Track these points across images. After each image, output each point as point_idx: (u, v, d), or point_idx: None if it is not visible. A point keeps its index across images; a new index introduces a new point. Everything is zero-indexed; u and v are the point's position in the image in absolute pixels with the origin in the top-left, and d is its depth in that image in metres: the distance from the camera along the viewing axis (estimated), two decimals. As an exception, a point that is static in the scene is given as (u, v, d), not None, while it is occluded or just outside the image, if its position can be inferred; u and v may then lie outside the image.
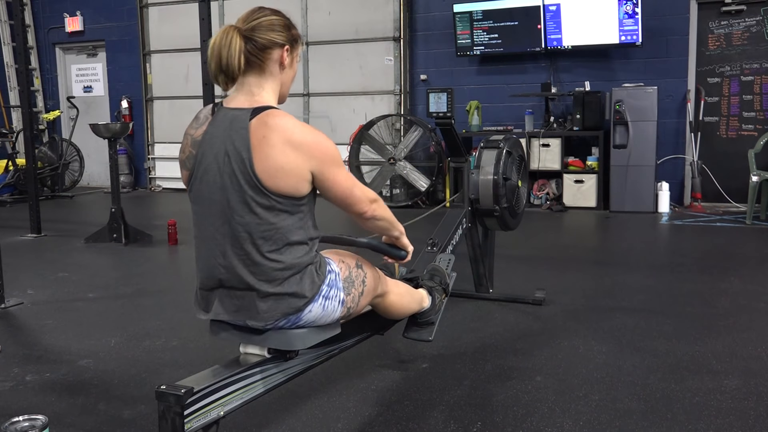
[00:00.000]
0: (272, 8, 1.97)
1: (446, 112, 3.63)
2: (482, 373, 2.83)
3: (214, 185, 1.87)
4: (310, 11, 8.86)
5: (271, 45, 1.90)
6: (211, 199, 1.89)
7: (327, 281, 1.95)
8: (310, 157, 1.83)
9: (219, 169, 1.86)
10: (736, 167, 7.17)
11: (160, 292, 4.31)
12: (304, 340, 1.96)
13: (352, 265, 2.07)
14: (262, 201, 1.82)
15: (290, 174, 1.81)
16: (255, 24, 1.90)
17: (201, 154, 1.89)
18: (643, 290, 4.12)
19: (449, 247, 3.29)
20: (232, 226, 1.86)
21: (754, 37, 7.22)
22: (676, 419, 2.38)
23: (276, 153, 1.80)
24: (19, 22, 6.32)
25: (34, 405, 2.59)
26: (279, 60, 1.93)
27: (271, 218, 1.83)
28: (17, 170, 8.69)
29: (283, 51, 1.93)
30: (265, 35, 1.90)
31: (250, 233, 1.85)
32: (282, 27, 1.93)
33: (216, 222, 1.89)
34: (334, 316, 2.00)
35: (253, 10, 1.95)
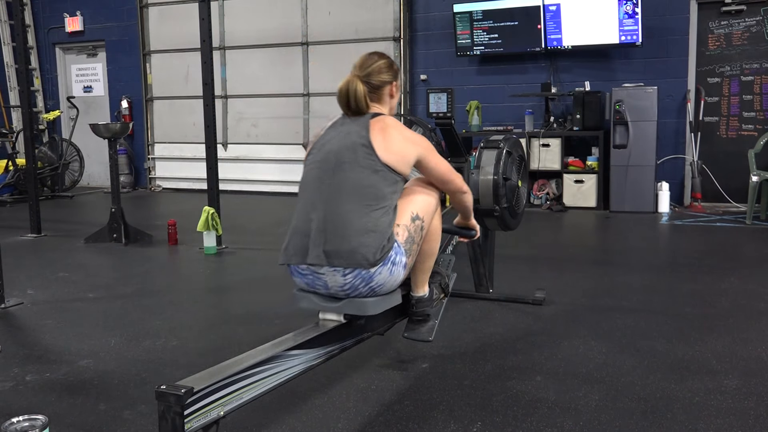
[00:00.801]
0: (379, 52, 2.56)
1: (446, 112, 3.63)
2: (482, 373, 2.83)
3: (331, 151, 2.38)
4: (310, 11, 8.86)
5: (383, 84, 2.51)
6: (327, 159, 2.38)
7: (394, 249, 2.31)
8: (418, 147, 2.42)
9: (340, 140, 2.38)
10: (736, 167, 7.17)
11: (160, 292, 4.31)
12: (375, 306, 2.33)
13: (408, 222, 2.39)
14: (369, 164, 2.31)
15: (399, 154, 2.35)
16: (369, 71, 2.48)
17: (326, 133, 2.46)
18: (643, 290, 4.12)
19: (449, 248, 3.29)
20: (341, 179, 2.32)
21: (754, 37, 7.22)
22: (676, 419, 2.38)
23: (392, 139, 2.36)
24: (19, 22, 6.33)
25: (34, 405, 2.59)
26: (389, 92, 2.54)
27: (372, 178, 2.30)
28: (17, 170, 8.69)
29: (392, 86, 2.54)
30: (378, 78, 2.49)
31: (353, 186, 2.30)
32: (388, 68, 2.52)
33: (325, 177, 2.35)
34: (399, 279, 2.37)
35: (365, 58, 2.51)
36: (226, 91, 9.40)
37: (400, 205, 2.40)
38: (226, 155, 9.17)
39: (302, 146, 8.93)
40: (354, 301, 2.32)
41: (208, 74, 5.46)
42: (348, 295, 2.32)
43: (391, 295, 2.41)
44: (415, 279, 2.58)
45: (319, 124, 9.22)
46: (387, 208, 2.31)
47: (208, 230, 5.37)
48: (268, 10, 9.05)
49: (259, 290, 4.33)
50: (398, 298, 2.45)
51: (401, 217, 2.38)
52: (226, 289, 4.53)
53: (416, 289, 2.60)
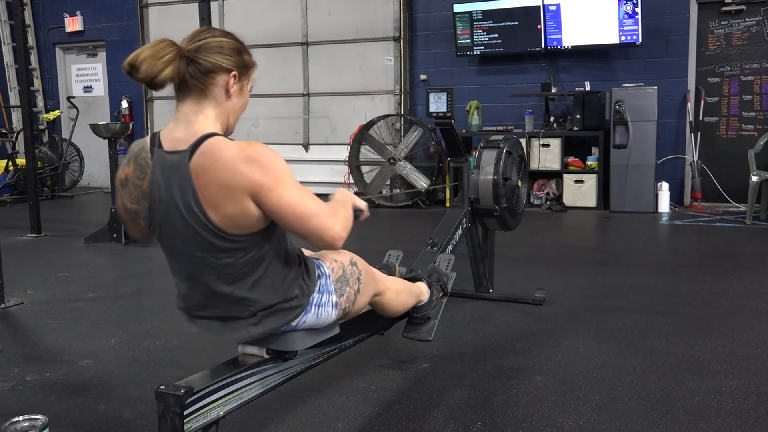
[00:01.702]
0: (224, 30, 1.83)
1: (446, 112, 3.63)
2: (482, 373, 2.83)
3: (175, 239, 1.78)
4: (310, 11, 8.85)
5: (215, 69, 1.75)
6: (176, 251, 1.81)
7: (317, 288, 1.92)
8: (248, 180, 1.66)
9: (174, 223, 1.75)
10: (736, 167, 7.17)
11: (160, 292, 4.31)
12: (303, 341, 1.97)
13: (346, 262, 2.03)
14: (227, 246, 1.73)
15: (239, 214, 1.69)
16: (200, 45, 1.73)
17: (153, 209, 1.77)
18: (643, 290, 4.12)
19: (449, 247, 3.29)
20: (205, 274, 1.80)
21: (754, 37, 7.21)
22: (676, 419, 2.38)
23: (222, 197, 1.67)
24: (19, 22, 6.32)
25: (34, 405, 2.59)
26: (224, 86, 1.77)
27: (240, 258, 1.75)
28: (17, 170, 8.70)
29: (230, 77, 1.77)
30: (210, 58, 1.74)
31: (227, 275, 1.78)
32: (231, 51, 1.77)
33: (186, 270, 1.84)
34: (330, 320, 1.97)
35: (200, 30, 1.80)
36: (226, 91, 9.39)
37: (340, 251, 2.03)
38: (226, 155, 9.15)
39: (302, 146, 8.93)
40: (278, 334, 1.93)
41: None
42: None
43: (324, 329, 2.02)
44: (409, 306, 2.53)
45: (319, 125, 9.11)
46: (276, 262, 1.82)
47: (208, 230, 5.36)
48: (268, 10, 9.05)
49: (259, 290, 4.33)
50: (335, 330, 2.06)
51: (340, 256, 2.03)
52: (226, 289, 4.53)
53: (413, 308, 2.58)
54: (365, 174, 8.31)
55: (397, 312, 2.44)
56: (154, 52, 1.69)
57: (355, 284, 2.04)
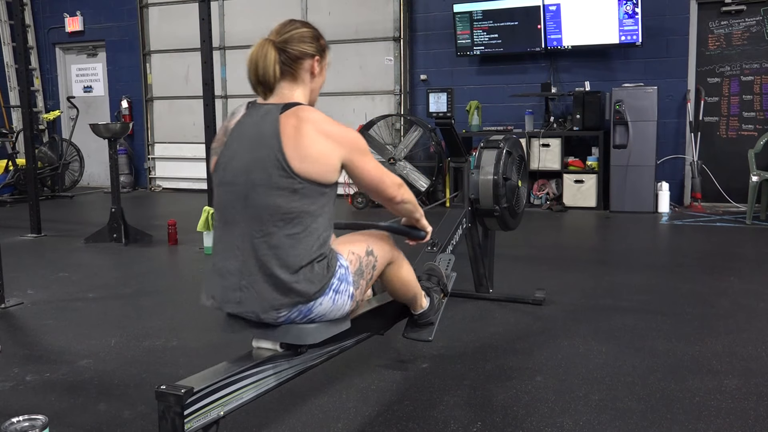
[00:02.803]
0: (302, 20, 2.13)
1: (446, 112, 3.63)
2: (482, 373, 2.83)
3: (239, 169, 1.97)
4: (310, 11, 8.86)
5: (302, 56, 2.04)
6: (236, 181, 1.97)
7: (338, 275, 2.02)
8: (341, 147, 1.97)
9: (246, 154, 1.96)
10: (736, 167, 7.17)
11: (160, 292, 4.31)
12: (315, 334, 2.02)
13: (362, 253, 2.14)
14: (287, 184, 1.91)
15: (319, 161, 1.92)
16: (287, 36, 2.03)
17: (231, 141, 2.01)
18: (643, 290, 4.12)
19: (449, 247, 3.29)
20: (255, 207, 1.94)
21: (754, 37, 7.21)
22: (676, 419, 2.38)
23: (307, 141, 1.91)
24: (19, 22, 6.32)
25: (34, 405, 2.59)
26: (310, 69, 2.07)
27: (293, 201, 1.92)
28: (17, 170, 8.69)
29: (314, 61, 2.07)
30: (297, 47, 2.03)
31: (272, 215, 1.92)
32: (312, 38, 2.07)
33: (238, 204, 1.97)
34: (344, 310, 2.06)
35: (285, 23, 2.09)
36: (226, 91, 9.40)
37: (355, 237, 2.20)
38: (226, 155, 9.15)
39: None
40: (291, 328, 2.00)
41: (208, 74, 5.45)
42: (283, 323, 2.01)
43: (337, 323, 2.09)
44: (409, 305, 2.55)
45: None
46: (318, 231, 1.97)
47: (208, 230, 5.37)
48: (268, 10, 9.05)
49: (259, 290, 4.32)
50: (346, 324, 2.13)
51: (356, 246, 2.14)
52: (226, 289, 4.53)
53: (414, 308, 2.59)
54: (365, 174, 8.30)
55: (403, 287, 2.41)
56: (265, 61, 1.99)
57: (370, 273, 2.16)
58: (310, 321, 2.01)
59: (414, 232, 2.41)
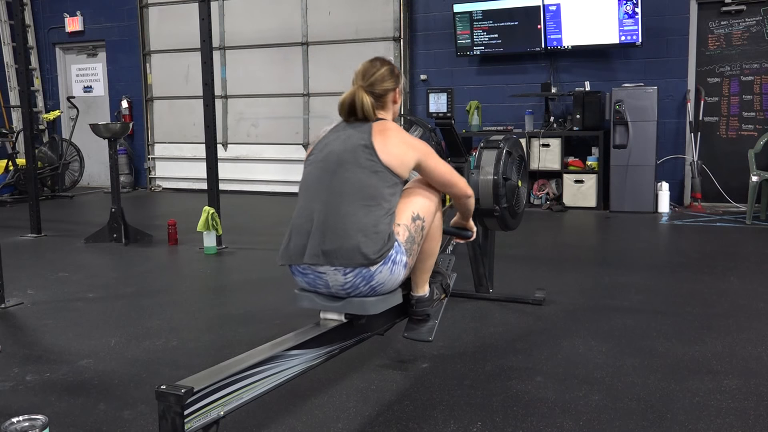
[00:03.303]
0: (381, 58, 2.59)
1: (446, 112, 3.63)
2: (482, 373, 2.83)
3: (333, 151, 2.41)
4: (310, 11, 8.86)
5: (386, 92, 2.54)
6: (328, 159, 2.41)
7: (394, 248, 2.32)
8: (417, 151, 2.44)
9: (341, 141, 2.42)
10: (736, 167, 7.17)
11: (160, 292, 4.31)
12: (376, 305, 2.35)
13: (409, 221, 2.40)
14: (371, 164, 2.34)
15: (398, 157, 2.38)
16: (373, 80, 2.51)
17: (327, 137, 2.49)
18: (643, 290, 4.12)
19: (449, 247, 3.29)
20: (340, 179, 2.34)
21: (754, 37, 7.21)
22: (676, 419, 2.38)
23: (392, 142, 2.39)
24: (19, 22, 6.32)
25: (34, 405, 2.59)
26: (393, 99, 2.57)
27: (372, 179, 2.33)
28: (17, 170, 8.70)
29: (395, 93, 2.57)
30: (382, 86, 2.52)
31: (353, 186, 2.32)
32: (390, 74, 2.55)
33: (325, 177, 2.38)
34: (399, 279, 2.38)
35: (368, 66, 2.55)
36: (226, 91, 9.40)
37: (401, 205, 2.42)
38: (226, 155, 9.17)
39: (302, 146, 8.94)
40: (354, 300, 2.33)
41: (208, 74, 5.46)
42: (349, 294, 2.34)
43: (392, 295, 2.42)
44: (415, 279, 2.58)
45: (319, 125, 9.19)
46: (387, 209, 2.33)
47: (208, 230, 5.37)
48: (268, 10, 9.05)
49: (259, 290, 4.33)
50: (399, 297, 2.46)
51: (401, 217, 2.39)
52: (226, 289, 4.53)
53: (416, 289, 2.60)
54: (365, 174, 8.30)
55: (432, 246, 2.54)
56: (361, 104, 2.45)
57: (420, 235, 2.45)
58: (371, 290, 2.31)
59: (463, 233, 2.79)
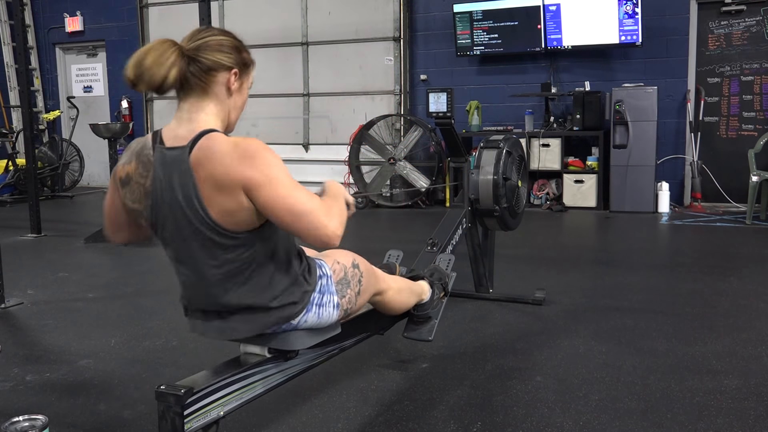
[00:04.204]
0: (223, 29, 1.84)
1: (446, 112, 3.63)
2: (482, 373, 2.83)
3: (176, 236, 1.78)
4: (310, 11, 8.85)
5: (217, 67, 1.76)
6: (178, 248, 1.80)
7: (318, 288, 1.92)
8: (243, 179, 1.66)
9: (176, 220, 1.74)
10: (736, 167, 7.17)
11: (160, 292, 4.31)
12: (304, 340, 1.98)
13: (348, 264, 2.05)
14: (221, 239, 1.72)
15: (235, 209, 1.69)
16: (201, 43, 1.75)
17: (156, 206, 1.76)
18: (643, 290, 4.12)
19: (449, 247, 3.29)
20: (207, 273, 1.79)
21: (754, 37, 7.21)
22: (676, 419, 2.38)
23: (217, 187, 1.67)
24: (19, 22, 6.32)
25: (34, 405, 2.59)
26: (226, 83, 1.79)
27: (243, 255, 1.76)
28: (17, 170, 8.69)
29: (231, 74, 1.79)
30: (211, 56, 1.75)
31: (229, 277, 1.79)
32: (231, 48, 1.79)
33: (187, 269, 1.83)
34: (331, 320, 1.99)
35: (199, 29, 1.81)
36: (226, 91, 9.39)
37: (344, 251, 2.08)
38: (226, 155, 9.15)
39: (302, 146, 8.93)
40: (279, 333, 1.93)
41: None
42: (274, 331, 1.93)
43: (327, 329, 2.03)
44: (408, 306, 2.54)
45: (319, 124, 9.13)
46: (278, 263, 1.82)
47: (208, 230, 5.36)
48: (268, 10, 9.05)
49: (259, 290, 4.33)
50: (336, 329, 2.07)
51: (343, 257, 2.05)
52: (226, 289, 4.53)
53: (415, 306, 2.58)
54: (365, 174, 8.31)
55: (399, 310, 2.45)
56: (157, 56, 1.68)
57: (356, 286, 2.06)
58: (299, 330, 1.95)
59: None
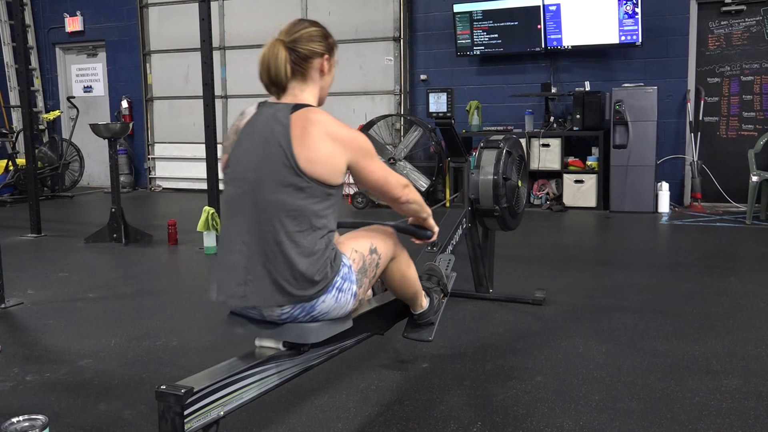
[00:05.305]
0: (310, 20, 2.15)
1: (446, 112, 3.63)
2: (482, 373, 2.83)
3: (249, 166, 2.00)
4: (310, 11, 8.86)
5: (312, 55, 2.07)
6: (246, 178, 2.00)
7: (341, 274, 2.04)
8: (347, 150, 2.00)
9: (256, 151, 1.99)
10: (736, 167, 7.17)
11: (160, 292, 4.31)
12: (318, 333, 2.03)
13: (366, 251, 2.16)
14: (295, 182, 1.94)
15: (327, 162, 1.96)
16: (297, 36, 2.06)
17: (241, 139, 2.04)
18: (643, 290, 4.12)
19: (449, 247, 3.29)
20: (262, 204, 1.97)
21: (754, 37, 7.21)
22: (676, 419, 2.38)
23: (316, 143, 1.95)
24: (19, 22, 6.32)
25: (34, 405, 2.59)
26: (319, 68, 2.10)
27: (300, 200, 1.95)
28: (17, 170, 8.69)
29: (323, 60, 2.10)
30: (307, 46, 2.06)
31: (278, 211, 1.95)
32: (320, 37, 2.10)
33: (246, 200, 2.00)
34: (347, 309, 2.08)
35: (294, 22, 2.11)
36: (226, 91, 9.40)
37: (359, 234, 2.22)
38: (226, 155, 9.16)
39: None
40: (293, 327, 2.01)
41: (208, 74, 5.46)
42: (285, 321, 2.03)
43: (339, 321, 2.11)
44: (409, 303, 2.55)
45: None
46: (321, 229, 1.99)
47: (208, 230, 5.37)
48: (268, 10, 9.05)
49: (259, 290, 4.32)
50: (348, 323, 2.14)
51: (359, 244, 2.17)
52: (226, 289, 4.53)
53: (414, 308, 2.58)
54: (365, 174, 8.30)
55: (404, 284, 2.41)
56: (275, 61, 2.02)
57: (373, 271, 2.19)
58: (313, 319, 2.02)
59: (421, 232, 2.43)
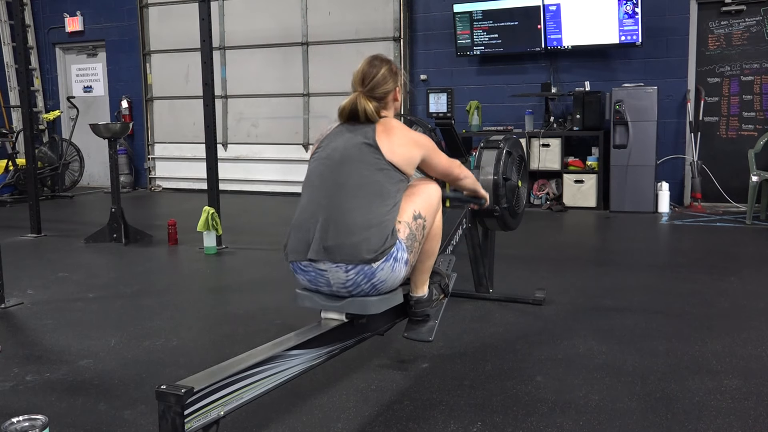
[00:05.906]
0: (378, 57, 2.60)
1: (446, 112, 3.63)
2: (482, 373, 2.83)
3: (337, 148, 2.44)
4: (310, 11, 8.86)
5: (387, 94, 2.55)
6: (332, 156, 2.43)
7: (396, 245, 2.34)
8: (422, 148, 2.51)
9: (346, 139, 2.44)
10: (736, 167, 7.17)
11: (160, 292, 4.31)
12: (377, 305, 2.37)
13: (410, 219, 2.42)
14: (375, 161, 2.37)
15: (403, 155, 2.43)
16: (372, 84, 2.51)
17: (332, 134, 2.51)
18: (643, 290, 4.12)
19: (449, 247, 3.29)
20: (344, 174, 2.36)
21: (754, 37, 7.22)
22: (676, 419, 2.38)
23: (397, 140, 2.43)
24: (19, 22, 6.32)
25: (34, 405, 2.59)
26: (393, 98, 2.59)
27: (377, 175, 2.36)
28: (17, 170, 8.69)
29: (395, 91, 2.58)
30: (382, 89, 2.53)
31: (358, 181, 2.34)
32: (390, 75, 2.55)
33: (328, 173, 2.40)
34: (401, 277, 2.40)
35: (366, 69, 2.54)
36: (226, 91, 9.40)
37: (403, 202, 2.43)
38: (226, 155, 9.16)
39: (302, 146, 8.94)
40: (356, 300, 2.35)
41: (208, 74, 5.46)
42: (350, 292, 2.34)
43: (393, 294, 2.43)
44: (414, 279, 2.58)
45: (319, 125, 9.18)
46: (390, 205, 2.34)
47: (208, 230, 5.37)
48: (268, 10, 9.05)
49: (259, 290, 4.33)
50: (400, 297, 2.47)
51: (403, 214, 2.40)
52: (226, 289, 4.53)
53: (415, 289, 2.60)
54: (365, 174, 8.30)
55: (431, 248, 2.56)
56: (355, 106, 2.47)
57: (421, 233, 2.46)
58: (372, 287, 2.32)
59: (475, 200, 3.04)
